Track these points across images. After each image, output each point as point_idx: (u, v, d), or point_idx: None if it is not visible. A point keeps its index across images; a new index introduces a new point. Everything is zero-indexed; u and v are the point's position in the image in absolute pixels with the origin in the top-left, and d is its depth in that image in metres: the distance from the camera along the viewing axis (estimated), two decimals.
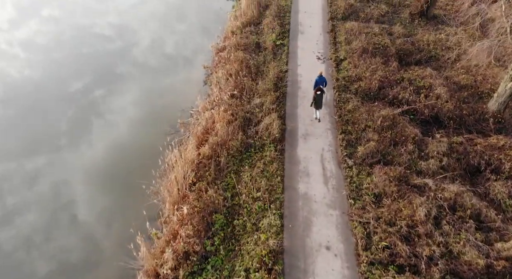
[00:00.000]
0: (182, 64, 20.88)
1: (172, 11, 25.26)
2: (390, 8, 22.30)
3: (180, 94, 18.81)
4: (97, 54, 21.33)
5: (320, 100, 14.54)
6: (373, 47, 18.56)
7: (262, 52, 19.28)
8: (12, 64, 20.30)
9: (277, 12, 21.64)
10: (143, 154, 14.74)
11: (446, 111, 15.35)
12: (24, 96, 18.27)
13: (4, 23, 23.41)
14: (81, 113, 17.60)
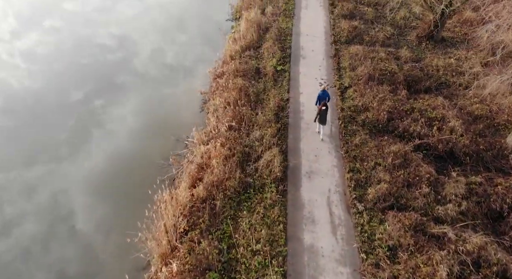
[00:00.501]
0: (179, 89, 19.71)
1: (171, 28, 24.26)
2: (396, 30, 21.30)
3: (176, 122, 17.57)
4: (97, 66, 20.58)
5: (325, 116, 14.14)
6: (380, 74, 17.44)
7: (262, 78, 18.14)
8: (13, 75, 20.04)
9: (277, 35, 20.61)
10: (130, 196, 13.43)
11: (462, 147, 14.11)
12: (24, 107, 17.98)
13: (5, 34, 23.15)
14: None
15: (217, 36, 23.02)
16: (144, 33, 23.59)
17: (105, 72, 20.50)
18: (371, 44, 20.01)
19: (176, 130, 17.05)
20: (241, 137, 14.76)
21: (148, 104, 18.59)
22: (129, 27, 24.13)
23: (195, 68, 20.77)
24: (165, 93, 19.30)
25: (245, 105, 16.26)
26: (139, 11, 25.85)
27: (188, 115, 18.03)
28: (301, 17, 22.19)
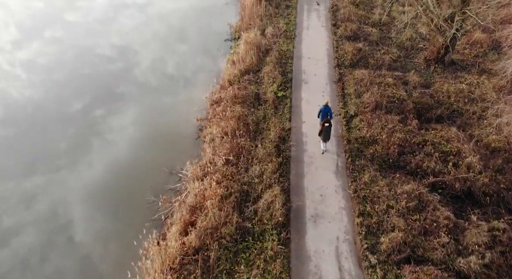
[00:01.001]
0: (174, 115, 18.43)
1: (168, 48, 23.12)
2: (402, 52, 20.20)
3: (170, 151, 16.28)
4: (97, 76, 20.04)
5: (328, 133, 13.75)
6: (388, 101, 16.25)
7: (262, 105, 16.94)
8: (13, 85, 19.77)
9: (278, 58, 19.50)
10: (115, 245, 12.08)
11: (481, 186, 12.82)
12: (24, 116, 17.78)
13: (7, 44, 22.81)
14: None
15: (215, 57, 21.96)
16: (142, 49, 22.51)
17: (103, 85, 19.82)
18: (377, 67, 18.89)
19: (170, 161, 15.81)
20: (239, 173, 13.48)
21: (142, 131, 17.34)
22: (129, 40, 23.30)
23: (191, 92, 19.54)
24: (159, 119, 18.06)
25: (244, 136, 15.03)
26: (139, 22, 25.11)
27: (183, 143, 16.79)
28: (303, 38, 21.13)
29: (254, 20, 22.58)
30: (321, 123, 13.68)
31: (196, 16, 25.66)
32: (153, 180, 15.17)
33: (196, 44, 23.46)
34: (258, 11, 22.85)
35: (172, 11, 26.19)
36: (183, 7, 26.83)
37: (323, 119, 13.59)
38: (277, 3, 24.03)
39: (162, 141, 16.92)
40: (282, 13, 23.23)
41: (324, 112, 13.80)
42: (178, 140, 17.01)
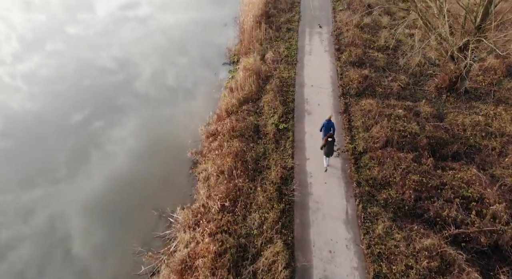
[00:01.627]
0: (167, 147, 16.92)
1: (165, 73, 21.87)
2: (411, 79, 18.85)
3: (161, 190, 14.80)
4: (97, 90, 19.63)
5: (331, 148, 13.44)
6: (399, 136, 14.80)
7: (262, 139, 15.46)
8: (14, 97, 19.55)
9: (279, 86, 18.13)
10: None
11: (509, 239, 11.27)
12: (24, 129, 17.54)
13: (8, 57, 22.64)
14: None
15: (212, 83, 20.58)
16: (139, 68, 21.22)
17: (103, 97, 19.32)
18: (385, 96, 17.51)
19: (160, 201, 14.31)
20: (235, 223, 11.90)
21: (132, 166, 15.80)
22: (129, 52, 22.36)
23: (186, 123, 17.97)
24: (151, 152, 16.53)
25: (242, 176, 13.49)
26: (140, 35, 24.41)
27: (175, 181, 15.24)
28: (305, 64, 19.82)
29: (253, 44, 21.32)
30: (324, 138, 13.43)
31: (194, 38, 24.46)
32: (141, 224, 13.61)
33: (193, 69, 22.15)
34: (257, 34, 21.62)
35: (169, 35, 24.99)
36: (182, 25, 25.70)
37: (326, 134, 13.42)
38: (278, 26, 22.84)
39: (153, 178, 15.38)
40: (282, 37, 21.99)
41: (327, 127, 13.79)
42: (171, 177, 15.47)
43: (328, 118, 14.00)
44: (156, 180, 15.33)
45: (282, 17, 23.51)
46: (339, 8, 24.41)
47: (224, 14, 26.51)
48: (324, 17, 23.71)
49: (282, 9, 24.13)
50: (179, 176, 15.40)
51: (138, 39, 24.23)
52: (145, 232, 13.27)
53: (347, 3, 24.56)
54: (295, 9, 24.47)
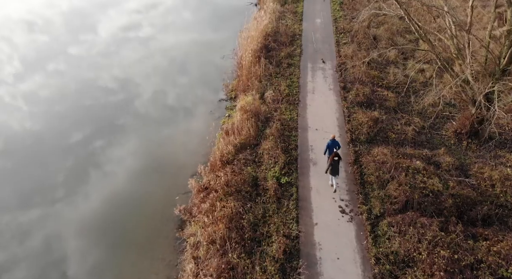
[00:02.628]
0: (152, 202, 14.64)
1: (158, 111, 19.89)
2: (426, 122, 16.86)
3: (141, 260, 12.49)
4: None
5: (337, 167, 12.97)
6: (420, 195, 12.62)
7: (261, 196, 13.19)
8: (14, 117, 19.21)
9: (280, 129, 16.08)
10: None
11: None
12: (23, 148, 17.14)
13: (9, 77, 22.27)
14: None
15: (207, 123, 18.51)
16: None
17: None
18: (399, 143, 15.43)
19: (141, 272, 12.00)
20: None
21: (108, 229, 13.56)
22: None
23: (176, 170, 15.85)
24: (132, 208, 14.32)
25: (237, 249, 11.16)
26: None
27: (159, 245, 12.95)
28: (308, 104, 17.84)
29: (252, 81, 19.43)
30: (329, 157, 13.13)
31: (190, 73, 22.71)
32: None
33: (189, 106, 20.21)
34: (256, 71, 19.77)
35: (164, 69, 23.20)
36: (178, 58, 23.99)
37: (331, 153, 13.02)
38: (278, 61, 21.02)
39: (134, 240, 13.14)
40: (283, 73, 20.12)
41: (332, 147, 13.50)
42: (154, 239, 13.18)
43: (332, 138, 13.74)
44: (137, 243, 13.05)
45: (283, 51, 21.75)
46: (343, 41, 22.72)
47: (222, 41, 25.17)
48: (327, 51, 21.97)
49: (282, 42, 22.43)
50: (164, 240, 13.09)
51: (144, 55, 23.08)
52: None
53: (351, 35, 22.90)
54: (296, 42, 22.78)
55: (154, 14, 29.92)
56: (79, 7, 30.78)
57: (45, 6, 30.99)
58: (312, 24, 24.49)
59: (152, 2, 31.81)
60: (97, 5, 30.74)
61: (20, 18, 29.20)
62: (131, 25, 27.76)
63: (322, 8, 26.51)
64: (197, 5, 31.24)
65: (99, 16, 29.31)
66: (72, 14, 29.68)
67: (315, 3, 27.15)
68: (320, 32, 23.65)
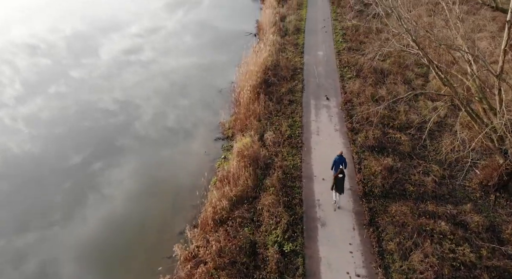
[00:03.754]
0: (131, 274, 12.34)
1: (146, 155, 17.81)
2: (446, 171, 14.74)
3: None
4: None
5: (342, 184, 12.47)
6: (450, 268, 10.36)
7: (261, 270, 10.81)
8: (13, 139, 18.65)
9: (282, 179, 13.95)
10: None
11: None
12: (22, 171, 16.56)
13: (11, 100, 21.69)
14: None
15: (199, 168, 16.36)
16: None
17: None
18: (419, 197, 13.22)
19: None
20: None
21: None
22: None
23: (160, 232, 13.51)
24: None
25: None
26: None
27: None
28: (312, 147, 15.78)
29: (250, 120, 17.45)
30: (334, 175, 12.58)
31: (184, 107, 20.79)
32: None
33: (181, 145, 18.11)
34: (255, 109, 17.84)
35: (154, 105, 21.30)
36: (170, 94, 22.15)
37: (337, 170, 12.48)
38: (279, 97, 19.12)
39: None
40: (284, 111, 18.17)
41: (338, 163, 12.86)
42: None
43: (340, 154, 13.15)
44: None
45: (284, 86, 19.92)
46: (348, 75, 20.96)
47: (221, 69, 23.82)
48: (331, 86, 20.15)
49: (283, 77, 20.63)
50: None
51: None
52: None
53: (356, 69, 21.17)
54: (297, 76, 20.99)
55: (155, 38, 29.50)
56: (82, 31, 30.52)
57: (48, 31, 30.69)
58: (314, 57, 22.82)
59: (154, 26, 31.41)
60: (100, 30, 30.45)
61: (23, 42, 28.75)
62: (132, 49, 27.40)
63: (324, 39, 24.97)
64: (197, 31, 30.50)
65: (102, 40, 28.96)
66: (75, 38, 29.27)
67: (317, 35, 25.64)
68: (323, 66, 21.92)
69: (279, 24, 26.48)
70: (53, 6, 36.36)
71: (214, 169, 16.31)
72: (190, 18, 33.27)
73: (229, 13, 33.88)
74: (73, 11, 34.77)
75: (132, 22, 32.06)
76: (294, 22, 26.81)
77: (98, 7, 36.13)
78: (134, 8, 35.55)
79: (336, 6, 29.68)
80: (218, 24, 31.21)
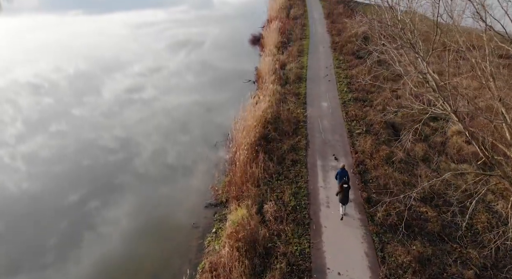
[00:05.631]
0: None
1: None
2: (487, 258, 11.58)
3: None
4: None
5: (347, 195, 12.42)
6: None
7: None
8: (11, 178, 17.81)
9: (286, 273, 10.74)
10: None
11: None
12: (17, 210, 15.41)
13: (11, 138, 21.11)
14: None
15: (187, 243, 13.27)
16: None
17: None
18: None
19: None
20: None
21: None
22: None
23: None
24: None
25: None
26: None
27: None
28: (322, 225, 12.61)
29: (247, 186, 14.52)
30: (339, 184, 12.60)
31: (176, 169, 17.98)
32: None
33: (166, 216, 14.98)
34: (254, 171, 14.97)
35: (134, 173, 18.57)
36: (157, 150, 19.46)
37: (341, 181, 12.56)
38: (280, 156, 16.34)
39: None
40: (287, 174, 15.29)
41: (341, 175, 12.93)
42: None
43: (342, 167, 13.35)
44: None
45: (285, 143, 17.23)
46: (357, 130, 18.37)
47: (217, 114, 22.25)
48: (338, 143, 17.46)
49: (284, 131, 18.02)
50: None
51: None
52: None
53: (366, 123, 18.66)
54: (300, 131, 18.39)
55: (157, 77, 28.94)
56: (86, 71, 30.26)
57: (52, 71, 30.35)
58: (318, 109, 20.41)
59: (156, 66, 30.84)
60: (104, 69, 30.12)
61: (26, 82, 28.19)
62: (135, 87, 26.86)
63: (328, 88, 22.76)
64: (199, 70, 29.64)
65: (105, 79, 28.49)
66: (78, 77, 28.76)
67: (319, 83, 23.49)
68: (328, 119, 19.40)
69: (279, 72, 24.44)
70: (59, 47, 36.24)
71: (203, 247, 13.16)
72: (191, 59, 32.48)
73: (228, 55, 32.57)
74: (78, 52, 34.60)
75: (135, 62, 31.83)
76: (295, 70, 24.78)
77: (103, 48, 35.99)
78: (138, 49, 35.42)
79: (339, 53, 27.91)
80: (217, 66, 30.23)
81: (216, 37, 38.44)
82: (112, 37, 39.65)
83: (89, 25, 44.52)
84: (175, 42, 37.07)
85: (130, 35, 39.97)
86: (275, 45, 28.94)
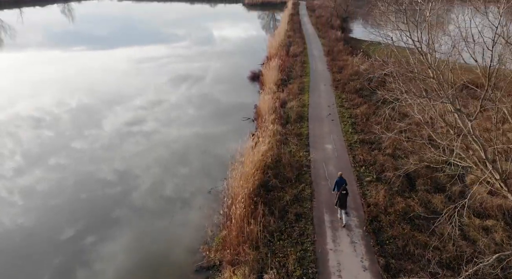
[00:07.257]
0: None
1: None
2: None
3: None
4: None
5: (345, 200, 13.01)
6: None
7: None
8: (7, 212, 16.59)
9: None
10: None
11: None
12: (11, 246, 14.55)
13: (9, 172, 20.11)
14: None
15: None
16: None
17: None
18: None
19: None
20: None
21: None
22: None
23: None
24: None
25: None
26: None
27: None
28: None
29: (244, 248, 12.16)
30: (337, 193, 13.12)
31: (163, 223, 15.70)
32: None
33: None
34: (252, 230, 12.67)
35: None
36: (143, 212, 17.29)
37: (339, 189, 13.07)
38: (282, 208, 14.09)
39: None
40: (290, 232, 12.98)
41: (340, 184, 13.30)
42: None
43: (340, 176, 13.60)
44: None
45: (288, 192, 15.06)
46: (366, 177, 16.25)
47: (215, 154, 20.54)
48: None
49: (286, 178, 15.92)
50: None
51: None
52: None
53: (376, 170, 16.59)
54: (304, 177, 16.29)
55: (158, 110, 27.96)
56: (88, 105, 29.35)
57: (54, 104, 29.48)
58: (322, 152, 18.44)
59: (157, 99, 29.96)
60: (105, 103, 29.58)
61: (28, 115, 27.38)
62: (135, 120, 26.12)
63: (331, 129, 20.94)
64: (198, 105, 28.59)
65: (106, 112, 27.74)
66: (79, 111, 28.01)
67: (322, 123, 21.72)
68: (334, 164, 17.36)
69: (280, 110, 22.76)
70: (61, 82, 35.38)
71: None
72: (191, 93, 31.43)
73: (227, 91, 31.32)
74: (81, 86, 33.80)
75: (137, 95, 31.07)
76: (296, 109, 23.13)
77: (105, 82, 35.20)
78: (139, 83, 34.69)
79: (341, 91, 26.45)
80: (217, 102, 29.07)
81: (216, 73, 37.51)
82: (115, 71, 38.79)
83: (91, 60, 43.85)
84: (176, 76, 36.16)
85: (132, 70, 39.12)
86: (275, 82, 27.58)
